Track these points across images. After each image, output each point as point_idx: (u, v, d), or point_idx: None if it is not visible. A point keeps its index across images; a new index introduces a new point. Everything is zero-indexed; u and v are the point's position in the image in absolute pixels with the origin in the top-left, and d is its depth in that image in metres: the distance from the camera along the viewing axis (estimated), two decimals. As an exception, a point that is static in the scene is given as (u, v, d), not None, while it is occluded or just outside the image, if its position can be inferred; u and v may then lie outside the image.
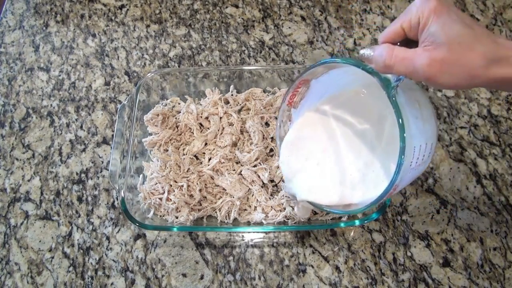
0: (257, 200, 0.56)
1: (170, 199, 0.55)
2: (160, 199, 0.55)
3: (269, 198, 0.56)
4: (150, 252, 0.57)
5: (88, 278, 0.56)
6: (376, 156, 0.41)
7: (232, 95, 0.64)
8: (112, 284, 0.55)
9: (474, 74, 0.29)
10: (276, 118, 0.57)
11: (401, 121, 0.32)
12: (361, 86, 0.41)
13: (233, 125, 0.61)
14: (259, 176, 0.57)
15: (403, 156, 0.32)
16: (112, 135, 0.65)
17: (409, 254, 0.55)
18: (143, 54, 0.73)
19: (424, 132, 0.35)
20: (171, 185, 0.56)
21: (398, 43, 0.34)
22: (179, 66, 0.72)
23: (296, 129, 0.46)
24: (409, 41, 0.34)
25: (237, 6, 0.78)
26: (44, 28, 0.77)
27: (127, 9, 0.79)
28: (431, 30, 0.31)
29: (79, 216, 0.60)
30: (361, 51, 0.34)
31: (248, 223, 0.55)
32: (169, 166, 0.57)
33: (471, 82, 0.30)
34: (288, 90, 0.44)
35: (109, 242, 0.58)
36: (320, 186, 0.43)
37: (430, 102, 0.38)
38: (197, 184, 0.56)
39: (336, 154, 0.43)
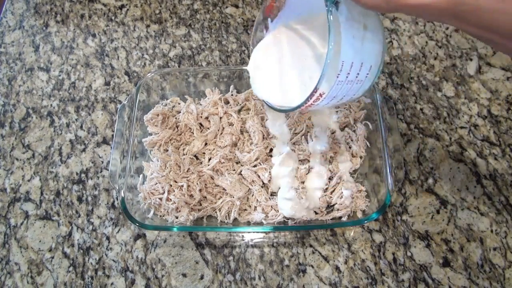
0: (257, 200, 0.56)
1: (170, 199, 0.55)
2: (160, 199, 0.55)
3: (269, 198, 0.56)
4: (150, 252, 0.57)
5: (88, 278, 0.56)
6: (316, 69, 0.45)
7: (232, 95, 0.64)
8: (112, 284, 0.55)
9: None
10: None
11: (329, 32, 0.35)
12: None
13: (233, 125, 0.61)
14: (259, 176, 0.57)
15: (328, 63, 0.36)
16: (112, 135, 0.65)
17: (409, 254, 0.55)
18: (143, 54, 0.73)
19: (360, 52, 0.38)
20: (171, 185, 0.56)
21: None
22: (179, 66, 0.72)
23: (267, 40, 0.51)
24: None
25: (237, 6, 0.78)
26: (44, 28, 0.77)
27: (127, 9, 0.79)
28: None
29: (79, 216, 0.60)
30: None
31: (248, 223, 0.55)
32: (169, 166, 0.57)
33: (388, 6, 0.32)
34: (265, 1, 0.49)
35: (109, 242, 0.58)
36: (273, 90, 0.49)
37: (381, 31, 0.40)
38: (197, 184, 0.56)
39: (292, 66, 0.48)
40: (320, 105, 0.42)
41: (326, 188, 0.56)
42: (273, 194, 0.57)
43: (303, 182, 0.56)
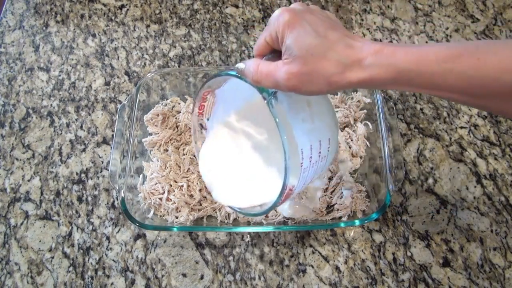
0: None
1: (170, 199, 0.55)
2: (160, 199, 0.55)
3: (269, 198, 0.56)
4: (150, 252, 0.57)
5: (88, 278, 0.56)
6: (275, 161, 0.43)
7: (232, 95, 0.64)
8: (112, 284, 0.55)
9: (332, 81, 0.31)
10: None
11: (278, 127, 0.34)
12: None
13: (233, 125, 0.61)
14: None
15: (287, 158, 0.34)
16: (112, 135, 0.65)
17: (409, 254, 0.55)
18: (143, 54, 0.73)
19: (315, 132, 0.37)
20: (171, 185, 0.56)
21: (269, 55, 0.35)
22: (179, 66, 0.72)
23: (210, 141, 0.47)
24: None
25: (237, 6, 0.78)
26: (44, 28, 0.77)
27: (127, 9, 0.79)
28: (287, 44, 0.31)
29: (79, 216, 0.60)
30: (236, 65, 0.36)
31: (248, 223, 0.55)
32: (169, 166, 0.57)
33: (332, 88, 0.31)
34: (195, 102, 0.45)
35: (109, 242, 0.58)
36: (237, 192, 0.45)
37: (324, 98, 0.39)
38: (197, 184, 0.56)
39: (246, 163, 0.45)
40: (293, 195, 0.40)
41: (326, 188, 0.56)
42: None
43: (303, 182, 0.56)
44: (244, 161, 0.45)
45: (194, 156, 0.60)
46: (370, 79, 0.30)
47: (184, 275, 0.55)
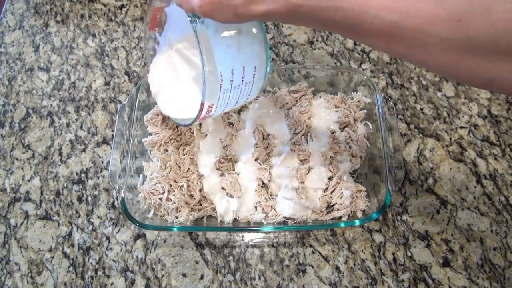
0: (257, 200, 0.56)
1: (170, 199, 0.55)
2: (160, 199, 0.55)
3: (269, 198, 0.56)
4: (150, 252, 0.57)
5: (88, 278, 0.56)
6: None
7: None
8: (112, 284, 0.55)
9: (238, 12, 0.33)
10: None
11: (199, 48, 0.37)
12: None
13: (233, 125, 0.61)
14: (259, 176, 0.57)
15: (205, 77, 0.38)
16: (112, 135, 0.65)
17: (409, 254, 0.55)
18: (143, 54, 0.73)
19: (238, 58, 0.40)
20: (171, 185, 0.56)
21: None
22: (179, 66, 0.72)
23: (160, 56, 0.52)
24: None
25: (237, 6, 0.78)
26: (44, 28, 0.77)
27: (127, 9, 0.79)
28: None
29: (79, 216, 0.60)
30: None
31: (248, 223, 0.55)
32: (169, 166, 0.57)
33: (239, 18, 0.34)
34: (146, 14, 0.49)
35: (109, 242, 0.58)
36: (176, 104, 0.50)
37: (259, 30, 0.41)
38: (197, 184, 0.56)
39: (185, 80, 0.49)
40: (217, 113, 0.44)
41: (326, 188, 0.56)
42: (273, 194, 0.57)
43: (303, 182, 0.56)
44: (183, 78, 0.50)
45: (194, 156, 0.60)
46: (269, 12, 0.32)
47: (184, 275, 0.55)
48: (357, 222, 0.52)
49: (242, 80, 0.42)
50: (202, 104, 0.40)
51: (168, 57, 0.51)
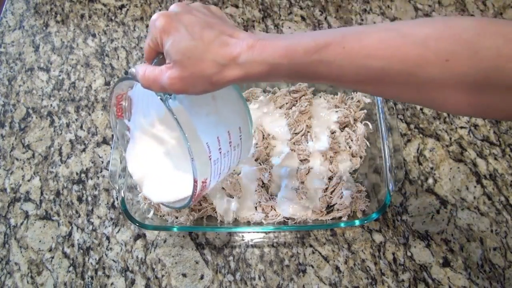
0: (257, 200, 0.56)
1: (170, 199, 0.55)
2: (160, 199, 0.55)
3: (269, 198, 0.56)
4: (150, 252, 0.57)
5: (88, 278, 0.56)
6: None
7: (232, 95, 0.64)
8: (112, 284, 0.55)
9: (213, 81, 0.31)
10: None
11: (178, 126, 0.34)
12: None
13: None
14: (259, 176, 0.57)
15: (192, 153, 0.36)
16: (112, 135, 0.65)
17: (409, 254, 0.55)
18: (143, 54, 0.73)
19: (220, 123, 0.38)
20: (171, 185, 0.56)
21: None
22: (179, 66, 0.72)
23: (134, 142, 0.48)
24: None
25: (237, 6, 0.78)
26: (44, 28, 0.77)
27: (127, 9, 0.79)
28: (166, 49, 0.32)
29: (79, 216, 0.60)
30: (130, 70, 0.36)
31: (248, 223, 0.55)
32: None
33: (215, 87, 0.32)
34: (110, 106, 0.46)
35: (109, 242, 0.58)
36: (163, 188, 0.47)
37: (231, 88, 0.39)
38: (197, 184, 0.56)
39: (168, 161, 0.47)
40: (212, 185, 0.41)
41: (326, 188, 0.56)
42: (273, 194, 0.57)
43: (303, 182, 0.56)
44: (166, 159, 0.47)
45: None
46: (247, 75, 0.31)
47: (184, 275, 0.55)
48: (357, 222, 0.52)
49: (230, 145, 0.39)
50: (196, 181, 0.38)
51: (145, 141, 0.48)
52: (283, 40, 0.30)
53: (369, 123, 0.59)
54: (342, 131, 0.60)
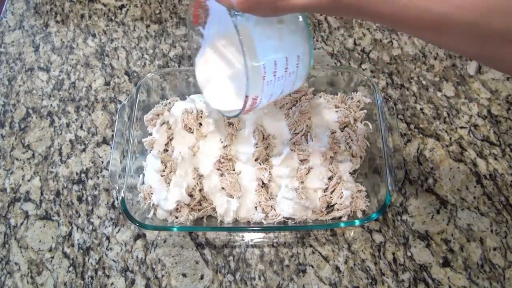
0: (257, 200, 0.56)
1: (170, 199, 0.55)
2: (160, 199, 0.55)
3: (269, 198, 0.56)
4: (150, 252, 0.57)
5: (88, 278, 0.56)
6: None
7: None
8: (112, 284, 0.55)
9: (278, 5, 0.32)
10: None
11: (240, 42, 0.37)
12: None
13: (233, 125, 0.61)
14: (259, 176, 0.57)
15: (248, 71, 0.38)
16: (112, 135, 0.65)
17: (409, 254, 0.55)
18: (143, 54, 0.73)
19: (281, 48, 0.40)
20: (171, 185, 0.56)
21: None
22: (179, 66, 0.72)
23: (204, 50, 0.52)
24: None
25: (237, 6, 0.78)
26: (44, 28, 0.77)
27: (127, 9, 0.79)
28: None
29: (79, 216, 0.60)
30: None
31: (248, 223, 0.55)
32: (169, 166, 0.57)
33: (279, 11, 0.33)
34: (189, 13, 0.49)
35: (109, 242, 0.58)
36: (222, 96, 0.50)
37: (301, 18, 0.40)
38: (197, 184, 0.56)
39: (231, 73, 0.49)
40: (263, 104, 0.44)
41: (326, 188, 0.56)
42: (273, 194, 0.57)
43: (303, 182, 0.56)
44: (228, 70, 0.49)
45: (194, 156, 0.60)
46: (311, 5, 0.32)
47: (184, 275, 0.55)
48: (357, 222, 0.52)
49: (286, 71, 0.41)
50: (246, 97, 0.40)
51: (213, 51, 0.51)
52: None
53: (369, 123, 0.59)
54: (342, 131, 0.60)
